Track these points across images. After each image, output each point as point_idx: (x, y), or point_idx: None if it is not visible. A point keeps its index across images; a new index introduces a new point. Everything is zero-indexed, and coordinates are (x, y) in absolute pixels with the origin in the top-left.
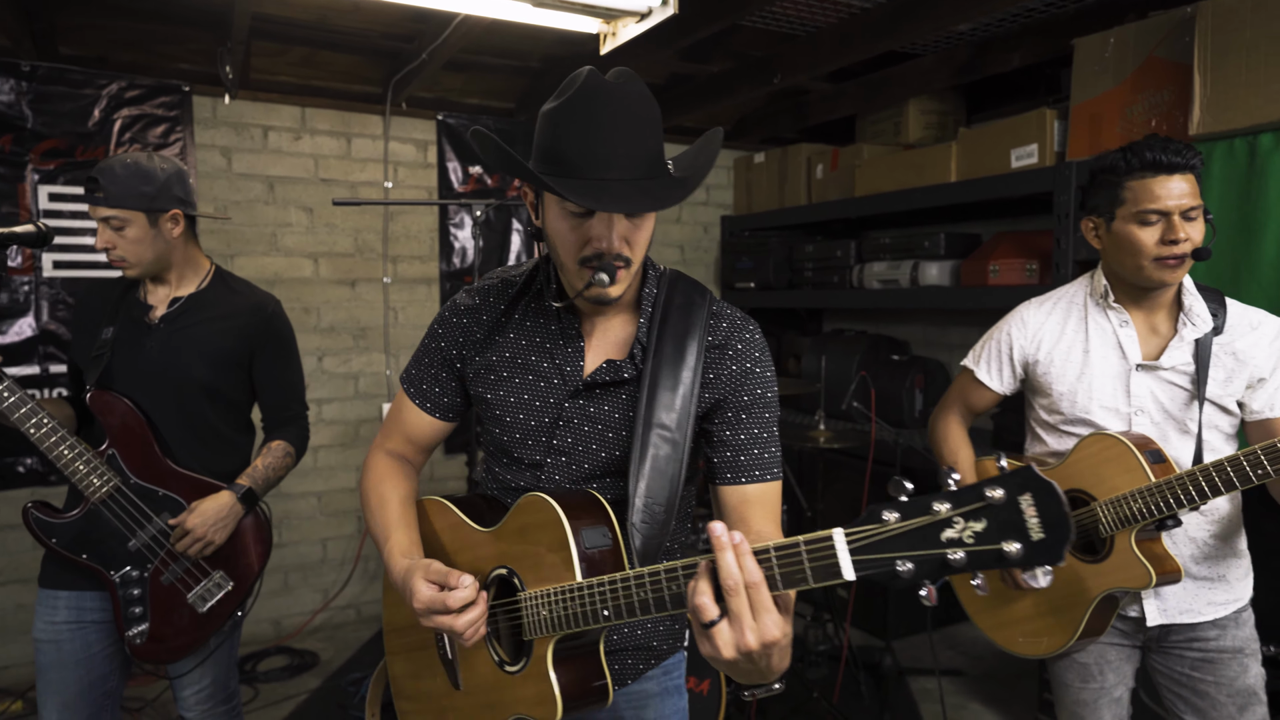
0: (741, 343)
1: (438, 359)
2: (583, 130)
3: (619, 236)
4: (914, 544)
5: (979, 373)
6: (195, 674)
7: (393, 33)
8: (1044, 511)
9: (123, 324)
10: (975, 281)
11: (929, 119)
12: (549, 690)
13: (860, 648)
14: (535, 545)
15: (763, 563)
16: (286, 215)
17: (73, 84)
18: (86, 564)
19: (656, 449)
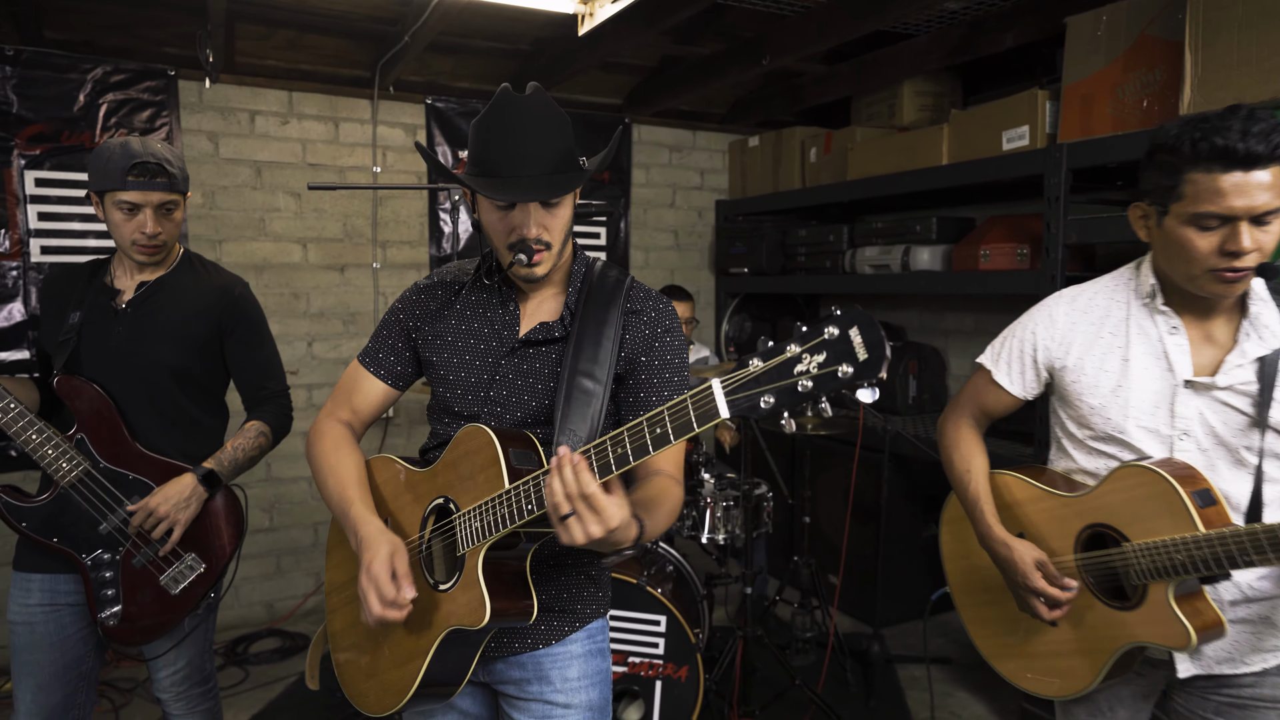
0: (655, 311)
1: (396, 330)
2: (499, 137)
3: (536, 224)
4: (774, 379)
5: (996, 373)
6: (170, 656)
7: (378, 15)
8: (867, 339)
9: (90, 308)
10: (966, 266)
11: (924, 100)
12: (479, 594)
13: (848, 635)
14: (470, 469)
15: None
16: (275, 200)
17: (57, 68)
18: (58, 548)
19: (580, 390)
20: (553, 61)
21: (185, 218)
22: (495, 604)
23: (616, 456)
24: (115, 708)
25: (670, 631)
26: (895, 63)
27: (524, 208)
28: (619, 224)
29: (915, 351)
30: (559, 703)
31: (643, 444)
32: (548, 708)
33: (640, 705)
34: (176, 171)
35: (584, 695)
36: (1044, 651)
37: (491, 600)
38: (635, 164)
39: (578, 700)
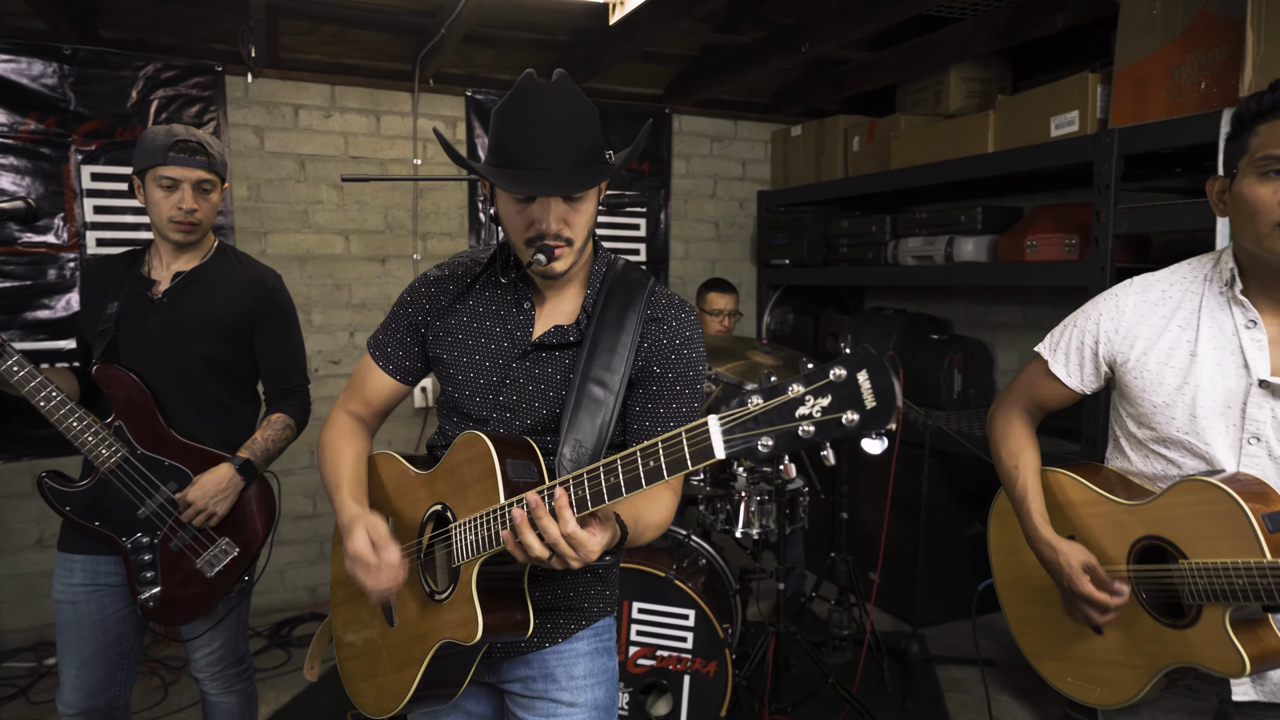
0: (676, 320)
1: (404, 324)
2: (519, 126)
3: (556, 219)
4: (774, 421)
5: (1053, 364)
6: (206, 637)
7: (417, 8)
8: (876, 384)
9: (127, 298)
10: (1012, 257)
11: (971, 87)
12: (472, 611)
13: (887, 634)
14: (466, 478)
15: (648, 455)
16: (318, 193)
17: (111, 66)
18: (99, 531)
19: (590, 397)
20: (590, 52)
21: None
22: (488, 619)
23: (608, 486)
24: (164, 685)
25: (699, 626)
26: (941, 48)
27: (544, 202)
28: (659, 215)
29: (961, 345)
30: (564, 701)
31: (635, 476)
32: (553, 706)
33: (669, 699)
34: (215, 154)
35: (589, 694)
36: (1088, 657)
37: (485, 616)
38: (675, 154)
39: (583, 699)
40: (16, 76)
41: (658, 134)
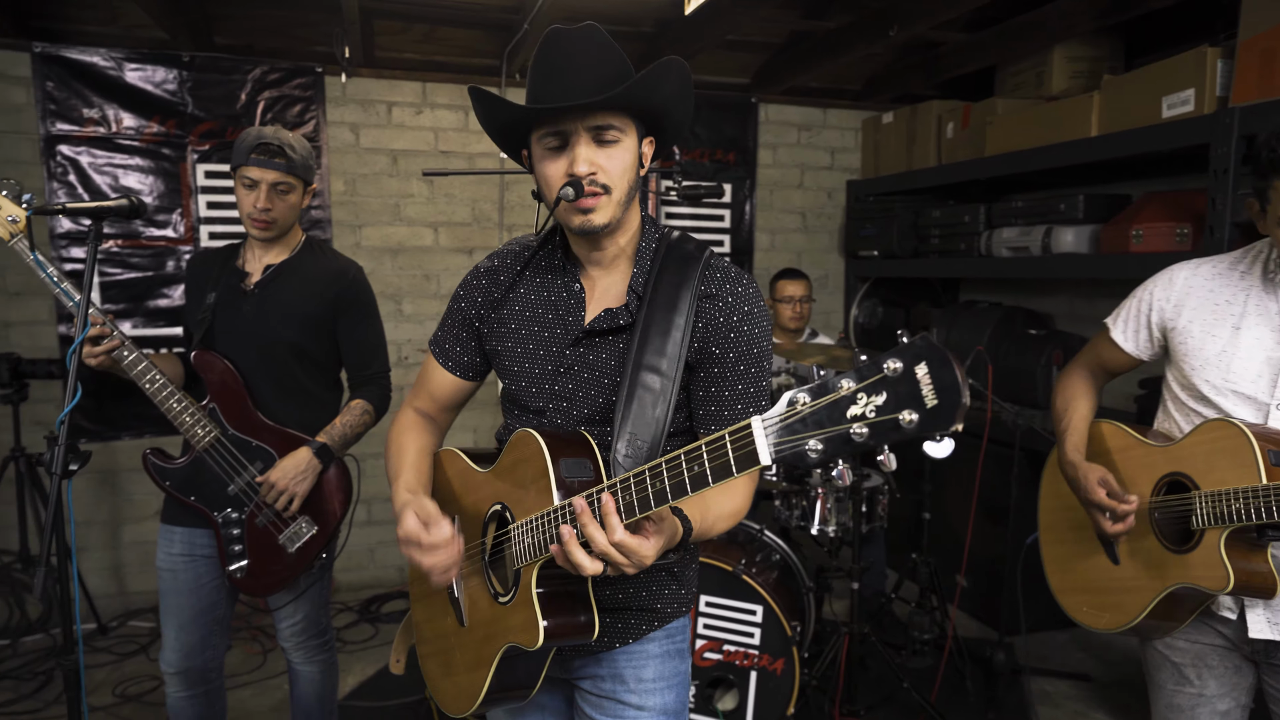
0: (734, 295)
1: (459, 319)
2: (546, 70)
3: (586, 160)
4: (823, 423)
5: (1114, 330)
6: (290, 609)
7: (503, 5)
8: (938, 379)
9: (223, 290)
10: (1116, 248)
11: (1077, 67)
12: (532, 616)
13: (972, 640)
14: (523, 478)
15: (692, 460)
16: (409, 187)
17: (223, 70)
18: (194, 505)
19: (644, 388)
20: (674, 42)
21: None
22: (550, 624)
23: (655, 492)
24: (264, 650)
25: (766, 622)
26: (1043, 26)
27: (574, 145)
28: (744, 206)
29: (1061, 341)
30: (631, 703)
31: (680, 482)
32: (620, 707)
33: (735, 694)
34: (296, 158)
35: (658, 698)
36: (1104, 587)
37: (547, 620)
38: (762, 144)
39: (651, 703)
40: (142, 83)
41: (743, 123)
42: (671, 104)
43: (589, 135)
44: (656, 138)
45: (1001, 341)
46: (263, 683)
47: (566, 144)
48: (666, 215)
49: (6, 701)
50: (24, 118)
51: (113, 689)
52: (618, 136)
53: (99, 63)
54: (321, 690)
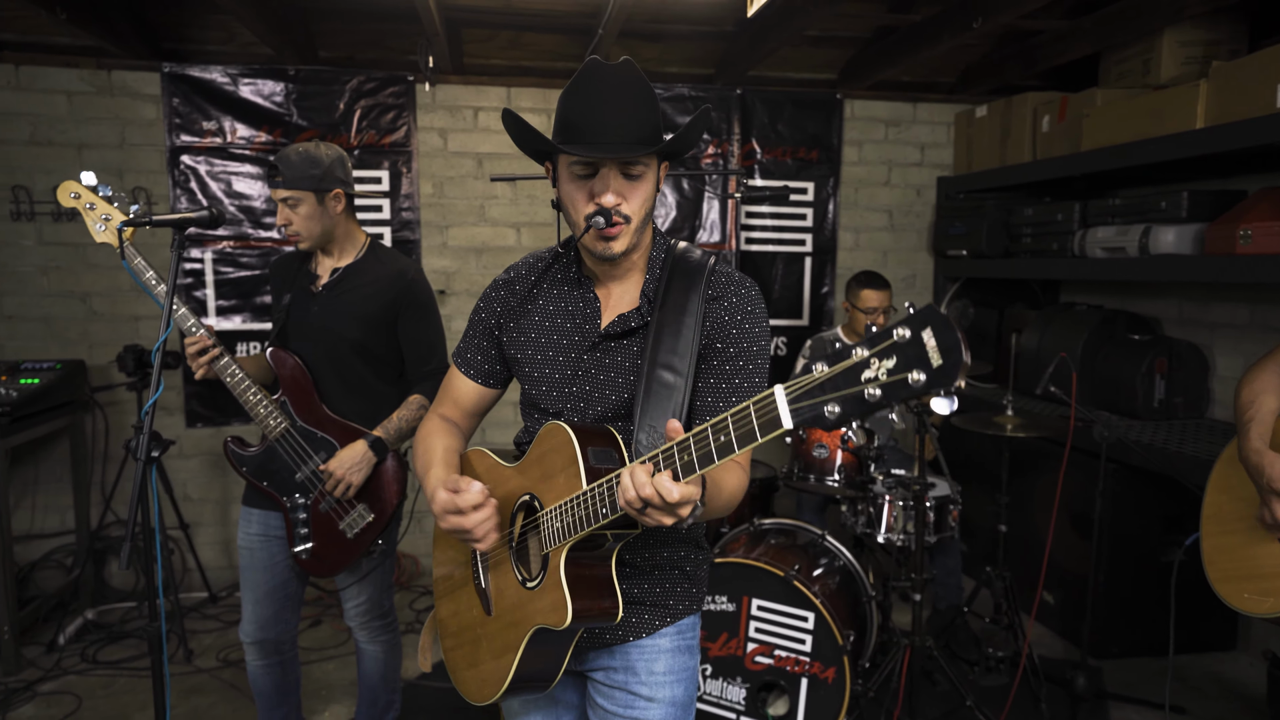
0: (736, 297)
1: (480, 330)
2: (582, 105)
3: (614, 191)
4: (839, 386)
5: None
6: (354, 590)
7: (582, 10)
8: (941, 341)
9: (296, 291)
10: (1222, 249)
11: (1190, 52)
12: (561, 596)
13: (1053, 661)
14: (551, 468)
15: (718, 430)
16: (493, 189)
17: (324, 82)
18: (267, 490)
19: (660, 381)
20: (755, 40)
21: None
22: (577, 605)
23: (683, 464)
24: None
25: (818, 629)
26: (1151, 9)
27: (604, 176)
28: (827, 204)
29: (1166, 347)
30: (643, 695)
31: (708, 452)
32: (631, 698)
33: (786, 700)
34: (293, 172)
35: (668, 690)
36: (1268, 573)
37: (574, 601)
38: (847, 141)
39: (661, 695)
40: (253, 96)
41: (827, 120)
42: (694, 142)
43: (618, 170)
44: (669, 161)
45: (1100, 346)
46: (346, 658)
47: (595, 173)
48: (747, 214)
49: (129, 658)
50: (154, 131)
51: (217, 653)
52: (643, 171)
53: (217, 79)
54: (384, 668)
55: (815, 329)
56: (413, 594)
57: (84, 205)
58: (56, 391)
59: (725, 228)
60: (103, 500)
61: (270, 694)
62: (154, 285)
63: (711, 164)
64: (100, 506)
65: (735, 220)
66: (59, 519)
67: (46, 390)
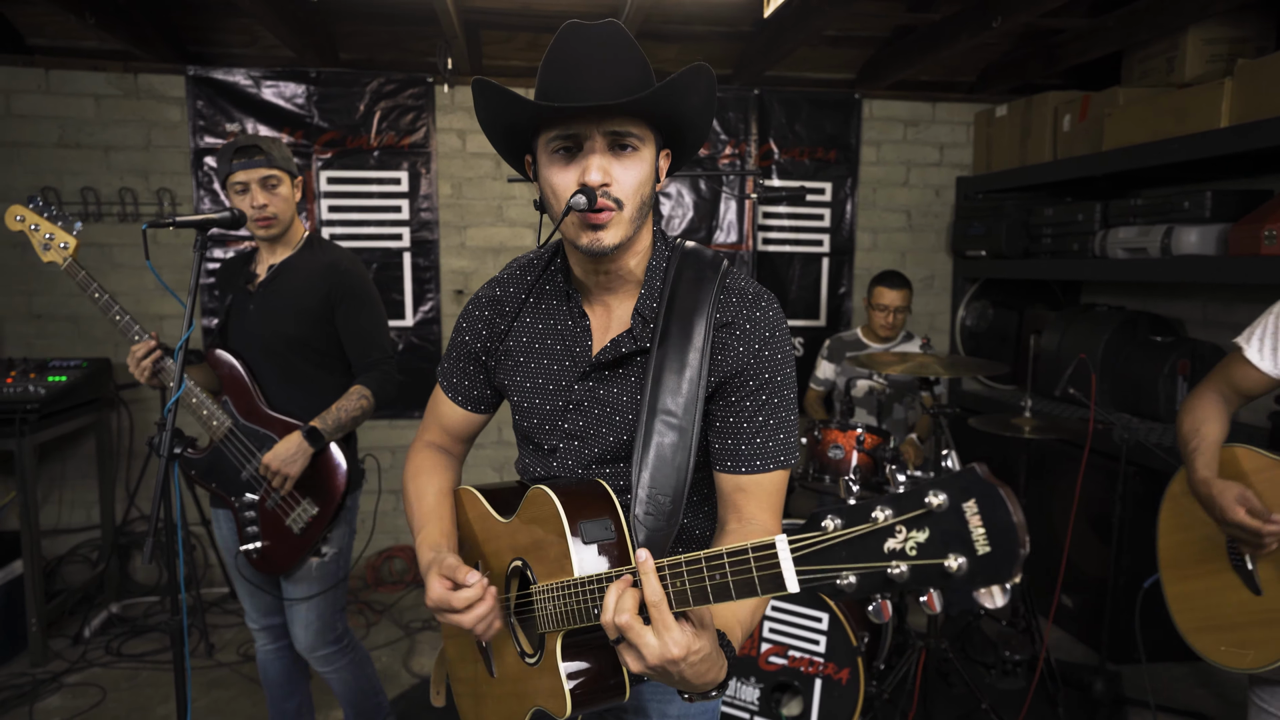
0: (750, 321)
1: (463, 353)
2: (560, 69)
3: (599, 169)
4: (856, 554)
5: (1248, 350)
6: (302, 610)
7: (599, 12)
8: (989, 520)
9: (236, 291)
10: (1247, 250)
11: (1215, 50)
12: (559, 684)
13: (1071, 665)
14: (543, 538)
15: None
16: (511, 189)
17: (345, 84)
18: (216, 491)
19: (661, 437)
20: (773, 40)
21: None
22: (578, 690)
23: (675, 593)
24: (367, 624)
25: (832, 631)
26: (1175, 7)
27: (588, 151)
28: (845, 205)
29: (1189, 348)
30: None
31: (702, 588)
32: None
33: (800, 701)
34: (274, 153)
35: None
36: (1244, 622)
37: (574, 687)
38: (865, 141)
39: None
40: (275, 98)
41: (845, 120)
42: (696, 114)
43: (605, 141)
44: (674, 150)
45: (1122, 348)
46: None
47: (579, 149)
48: (764, 215)
49: (152, 651)
50: (178, 133)
51: (238, 648)
52: (636, 145)
53: (240, 82)
54: (357, 683)
55: (833, 330)
56: None
57: (29, 227)
58: (83, 389)
59: (742, 228)
60: (127, 496)
61: (281, 683)
62: (98, 298)
63: (729, 164)
64: (124, 502)
65: (752, 221)
66: (84, 514)
67: (73, 388)
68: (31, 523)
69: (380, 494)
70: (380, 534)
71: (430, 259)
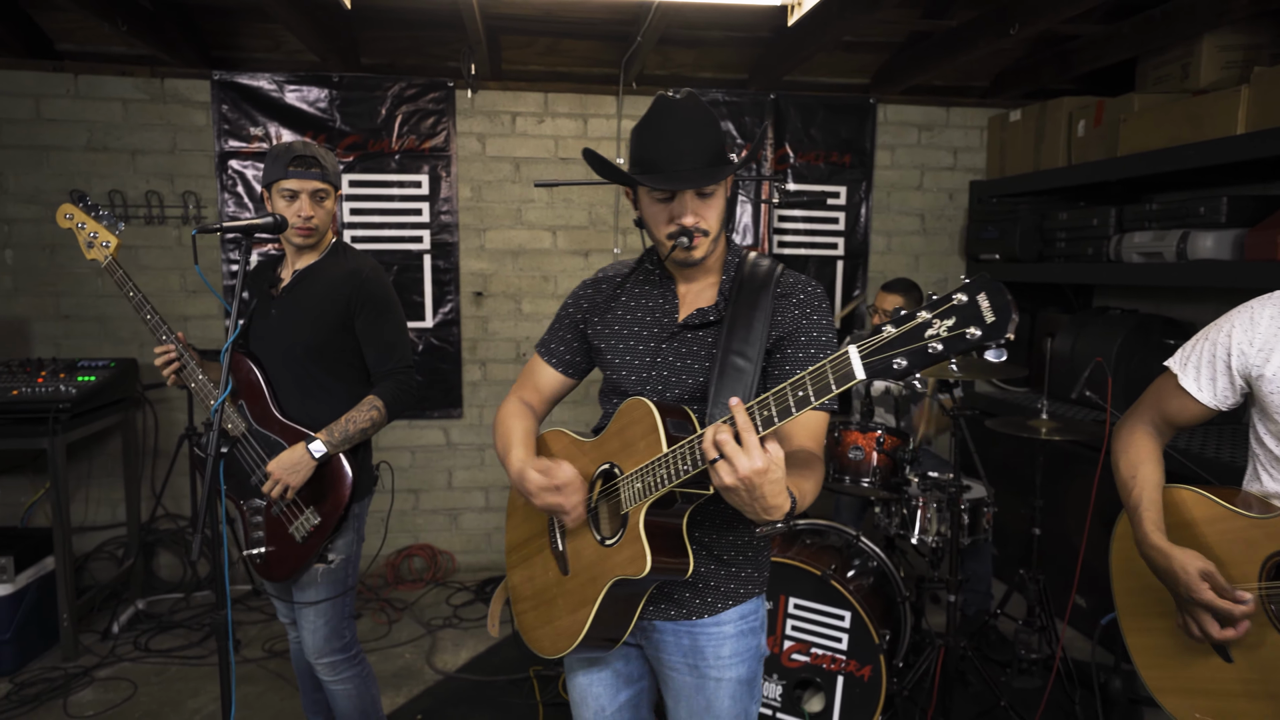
0: (804, 294)
1: (567, 324)
2: (656, 138)
3: (693, 212)
4: (906, 343)
5: (1183, 378)
6: (310, 615)
7: (620, 18)
8: (994, 303)
9: (260, 296)
10: (1263, 255)
11: (1230, 57)
12: (641, 549)
13: (1085, 664)
14: (632, 438)
15: (797, 387)
16: (530, 193)
17: (367, 88)
18: (228, 495)
19: (733, 367)
20: (790, 46)
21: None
22: (655, 558)
23: (763, 419)
24: (389, 622)
25: (854, 628)
26: (1189, 14)
27: (681, 198)
28: (859, 208)
29: None
30: (711, 676)
31: (786, 406)
32: (700, 678)
33: (822, 698)
34: (329, 167)
35: (733, 670)
36: (1216, 689)
37: (652, 554)
38: (880, 145)
39: (728, 675)
40: (298, 102)
41: (860, 125)
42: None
43: (693, 192)
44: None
45: (1135, 351)
46: (385, 650)
47: (673, 197)
48: (780, 217)
49: (179, 647)
50: (203, 137)
51: (263, 644)
52: (714, 190)
53: (264, 86)
54: (361, 704)
55: (846, 332)
56: (449, 589)
57: (76, 225)
58: (111, 389)
59: (758, 231)
60: (153, 495)
61: (310, 674)
62: (132, 296)
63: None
64: (150, 501)
65: (768, 224)
66: (109, 512)
67: (102, 388)
68: (64, 520)
69: (396, 494)
70: (400, 533)
71: (450, 261)
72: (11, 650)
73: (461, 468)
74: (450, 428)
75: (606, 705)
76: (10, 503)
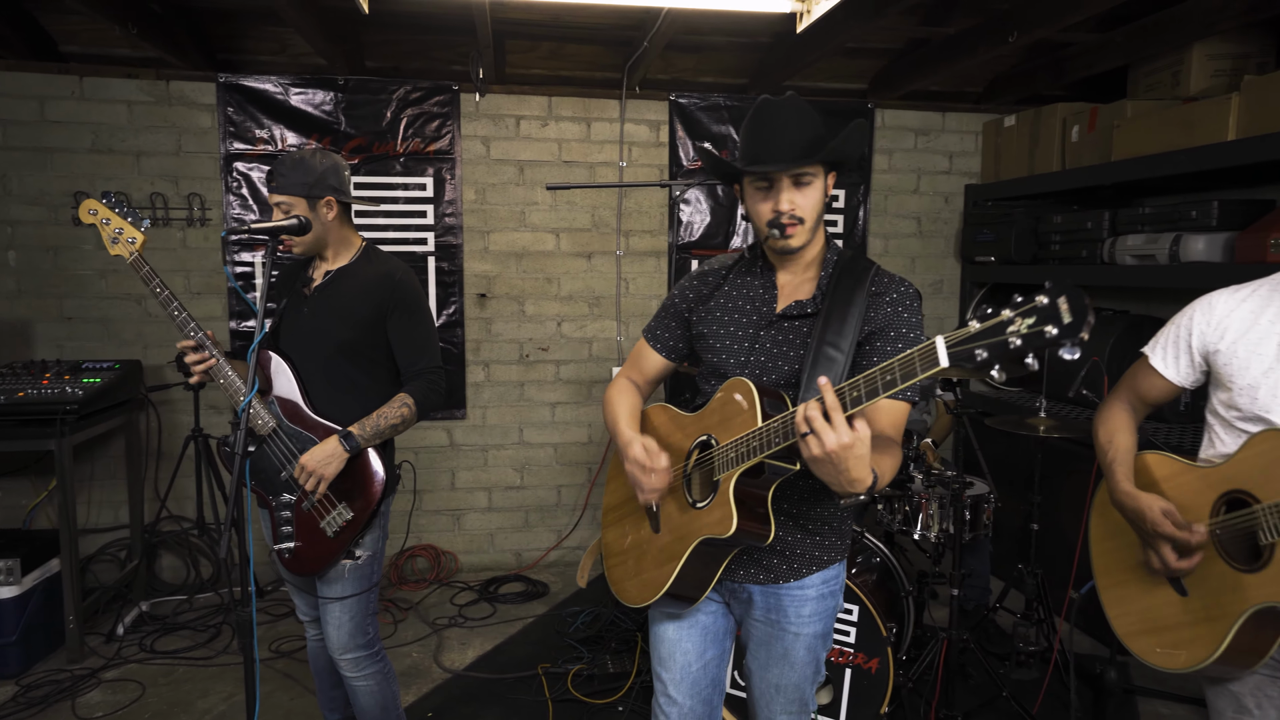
0: (896, 293)
1: (673, 312)
2: (757, 132)
3: (788, 200)
4: (988, 336)
5: (1153, 358)
6: (335, 610)
7: (624, 23)
8: (1073, 305)
9: (291, 296)
10: (1252, 258)
11: (1219, 65)
12: (729, 511)
13: (1084, 656)
14: (730, 413)
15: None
16: (534, 195)
17: (372, 91)
18: (255, 490)
19: (825, 357)
20: (790, 53)
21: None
22: (741, 521)
23: (851, 399)
24: (395, 621)
25: (862, 622)
26: (1181, 24)
27: (778, 187)
28: (857, 211)
29: None
30: (790, 631)
31: (874, 388)
32: (781, 633)
33: (830, 689)
34: (284, 179)
35: (811, 627)
36: (1173, 623)
37: (738, 517)
38: (877, 149)
39: (806, 630)
40: (304, 105)
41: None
42: (852, 151)
43: (790, 180)
44: (839, 172)
45: (1127, 351)
46: (393, 649)
47: (773, 187)
48: None
49: (186, 648)
50: (209, 139)
51: (269, 645)
52: (811, 179)
53: (269, 89)
54: (383, 699)
55: None
56: (453, 589)
57: (100, 221)
58: (115, 391)
59: None
60: (157, 497)
61: (329, 671)
62: (159, 293)
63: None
64: (153, 503)
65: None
66: (112, 514)
67: (107, 389)
68: (71, 523)
69: (399, 494)
70: (403, 533)
71: (454, 263)
72: (17, 653)
73: (464, 468)
74: (454, 428)
75: (694, 661)
76: (12, 505)
